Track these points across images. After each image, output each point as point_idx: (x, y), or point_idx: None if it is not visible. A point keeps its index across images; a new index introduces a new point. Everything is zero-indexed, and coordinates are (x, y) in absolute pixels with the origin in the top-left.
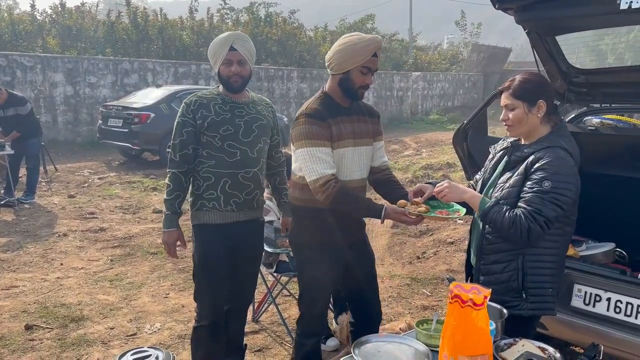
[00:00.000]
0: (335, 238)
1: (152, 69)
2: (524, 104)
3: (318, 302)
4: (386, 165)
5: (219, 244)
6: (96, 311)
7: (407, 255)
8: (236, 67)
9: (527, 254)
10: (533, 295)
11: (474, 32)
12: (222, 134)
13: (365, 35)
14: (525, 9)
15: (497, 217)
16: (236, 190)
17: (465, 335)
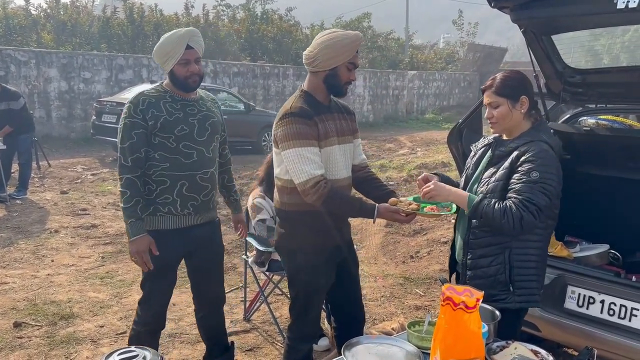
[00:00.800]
0: (327, 239)
1: (147, 65)
2: (507, 100)
3: (313, 306)
4: (365, 163)
5: (175, 250)
6: (86, 309)
7: (401, 255)
8: (194, 66)
9: (514, 247)
10: (520, 288)
11: (471, 31)
12: (177, 135)
13: (348, 31)
14: (521, 7)
15: (488, 210)
16: (194, 192)
17: (456, 339)
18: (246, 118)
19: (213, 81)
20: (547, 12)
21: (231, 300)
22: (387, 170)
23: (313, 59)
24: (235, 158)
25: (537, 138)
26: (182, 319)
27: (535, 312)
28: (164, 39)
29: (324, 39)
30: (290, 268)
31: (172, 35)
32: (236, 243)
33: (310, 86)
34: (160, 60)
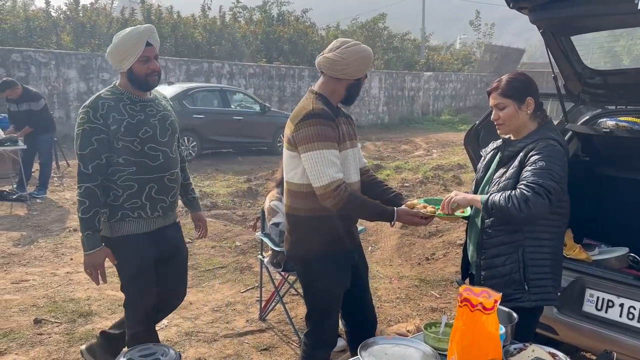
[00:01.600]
0: (341, 245)
1: (164, 66)
2: (513, 102)
3: (331, 314)
4: (367, 166)
5: (149, 252)
6: (104, 307)
7: (416, 257)
8: (154, 63)
9: (527, 246)
10: (535, 286)
11: (487, 32)
12: (141, 137)
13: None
14: (540, 8)
15: (495, 201)
16: (163, 194)
17: (474, 340)
18: (261, 119)
19: (229, 82)
20: (566, 13)
21: (247, 299)
22: (402, 171)
23: (344, 65)
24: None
25: (545, 136)
26: (199, 318)
27: (552, 315)
28: (123, 36)
29: (356, 49)
30: (305, 276)
31: (131, 32)
32: (251, 243)
33: (326, 90)
34: (118, 58)
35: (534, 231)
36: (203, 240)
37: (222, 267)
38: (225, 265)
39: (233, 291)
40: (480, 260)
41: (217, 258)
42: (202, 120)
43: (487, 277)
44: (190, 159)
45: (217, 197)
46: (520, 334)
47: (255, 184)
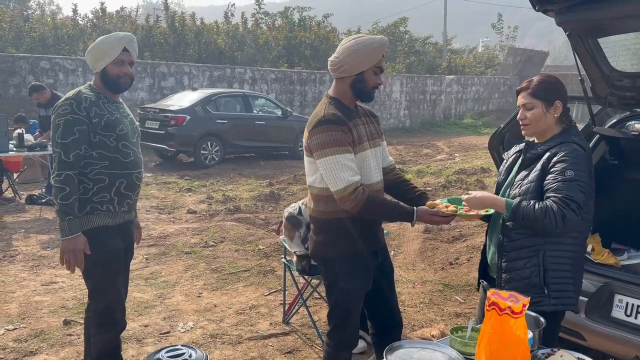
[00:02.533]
0: (364, 246)
1: (188, 72)
2: (542, 103)
3: (352, 314)
4: (393, 165)
5: (119, 243)
6: (131, 309)
7: (440, 261)
8: (127, 67)
9: (548, 250)
10: (555, 290)
11: (510, 35)
12: (118, 134)
13: (373, 36)
14: (566, 10)
15: (528, 212)
16: (130, 191)
17: (502, 344)
18: (283, 123)
19: (251, 88)
20: (593, 15)
21: (270, 302)
22: (424, 175)
23: (339, 64)
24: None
25: (568, 140)
26: (223, 320)
27: (580, 321)
28: (103, 38)
29: (350, 45)
30: (327, 276)
31: (111, 36)
32: (274, 247)
33: (337, 92)
34: (94, 58)
35: (556, 235)
36: (227, 244)
37: (245, 270)
38: (249, 268)
39: (257, 294)
40: (501, 263)
41: (241, 261)
42: (225, 126)
43: (507, 280)
44: (214, 163)
45: (240, 201)
46: (542, 338)
47: (277, 188)
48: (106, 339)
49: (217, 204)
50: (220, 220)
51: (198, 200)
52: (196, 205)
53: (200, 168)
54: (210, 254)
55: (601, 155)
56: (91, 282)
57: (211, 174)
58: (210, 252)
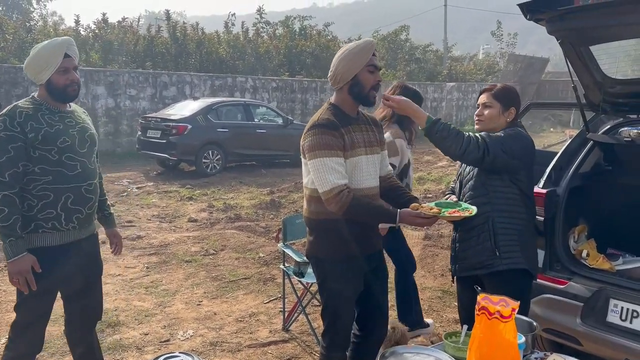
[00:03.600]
0: (355, 249)
1: (189, 81)
2: (500, 105)
3: (342, 315)
4: (391, 173)
5: (59, 269)
6: (131, 317)
7: (439, 268)
8: (73, 74)
9: (496, 217)
10: (505, 252)
11: (510, 42)
12: (59, 147)
13: (359, 41)
14: (557, 19)
15: (446, 127)
16: (79, 205)
17: (492, 348)
18: (284, 132)
19: (252, 96)
20: (584, 23)
21: (270, 310)
22: (425, 182)
23: (334, 76)
24: (273, 171)
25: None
26: (223, 328)
27: (576, 325)
28: (40, 48)
29: (339, 54)
30: (319, 276)
31: (49, 44)
32: (274, 255)
33: (337, 100)
34: (35, 70)
35: (501, 204)
36: (227, 252)
37: (245, 278)
38: (249, 276)
39: (257, 302)
40: (456, 235)
41: (241, 269)
42: (226, 134)
43: (462, 249)
44: (215, 172)
45: (240, 209)
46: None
47: (278, 196)
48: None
49: (218, 213)
50: (221, 229)
51: (199, 209)
52: (197, 213)
53: (201, 177)
54: (211, 262)
55: (596, 161)
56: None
57: (212, 182)
58: (210, 260)
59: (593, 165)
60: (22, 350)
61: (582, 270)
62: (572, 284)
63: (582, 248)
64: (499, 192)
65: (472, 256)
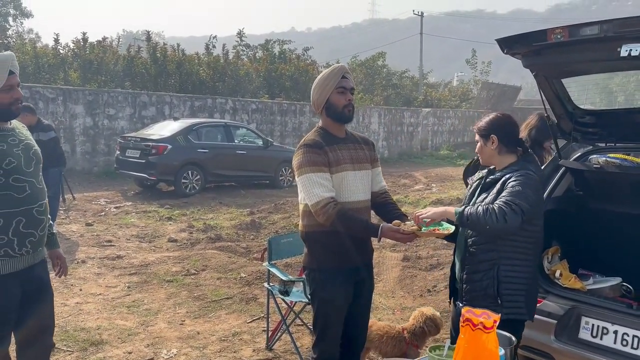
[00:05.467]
0: (344, 260)
1: (169, 102)
2: (481, 139)
3: (331, 324)
4: (384, 189)
5: (13, 297)
6: (114, 336)
7: (418, 289)
8: (18, 91)
9: (502, 265)
10: (507, 301)
11: (484, 70)
12: (5, 169)
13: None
14: (532, 54)
15: (472, 211)
16: (32, 228)
17: (475, 357)
18: (264, 153)
19: (232, 118)
20: (557, 58)
21: (253, 329)
22: (402, 205)
23: (314, 103)
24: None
25: (523, 167)
26: (206, 347)
27: (550, 342)
28: None
29: (314, 83)
30: (310, 286)
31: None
32: (256, 275)
33: (323, 123)
34: None
35: (509, 251)
36: (208, 272)
37: (228, 297)
38: (231, 296)
39: (239, 321)
40: (463, 275)
41: (223, 289)
42: (206, 155)
43: (468, 290)
44: (194, 192)
45: (221, 230)
46: None
47: (259, 217)
48: None
49: (198, 233)
50: (202, 249)
51: (179, 229)
52: (177, 233)
53: (180, 197)
54: (192, 282)
55: (567, 186)
56: None
57: (192, 202)
58: (192, 280)
59: (565, 190)
60: None
61: (555, 290)
62: (546, 302)
63: (556, 268)
64: (507, 239)
65: (475, 299)
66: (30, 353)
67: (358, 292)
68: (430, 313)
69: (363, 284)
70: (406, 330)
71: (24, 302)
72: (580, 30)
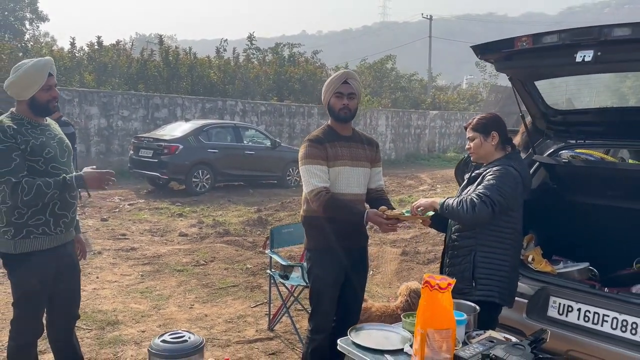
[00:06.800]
0: (336, 242)
1: (181, 104)
2: (480, 135)
3: (323, 300)
4: (381, 187)
5: (47, 271)
6: (129, 317)
7: (414, 280)
8: (55, 91)
9: (479, 251)
10: (480, 284)
11: (493, 73)
12: (45, 157)
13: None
14: (503, 59)
15: (449, 204)
16: (65, 210)
17: (433, 313)
18: (272, 154)
19: (242, 119)
20: (525, 63)
21: (257, 313)
22: (405, 205)
23: (323, 104)
24: (260, 191)
25: (504, 163)
26: (213, 327)
27: (522, 319)
28: (27, 68)
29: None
30: (308, 264)
31: (37, 64)
32: (261, 266)
33: (330, 121)
34: (21, 87)
35: (486, 239)
36: (216, 263)
37: (234, 285)
38: (237, 284)
39: (244, 306)
40: (446, 260)
41: (230, 278)
42: (216, 155)
43: (449, 273)
44: (204, 191)
45: (229, 226)
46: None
47: (266, 214)
48: None
49: (208, 228)
50: (211, 243)
51: (189, 224)
52: (187, 228)
53: (190, 195)
54: (201, 272)
55: (542, 179)
56: (17, 312)
57: (201, 200)
58: (201, 270)
59: (540, 183)
60: (22, 340)
61: (527, 272)
62: (519, 284)
63: (529, 254)
64: (486, 228)
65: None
66: (59, 322)
67: (351, 274)
68: (415, 286)
69: (357, 266)
70: (399, 308)
71: (57, 276)
72: (542, 38)
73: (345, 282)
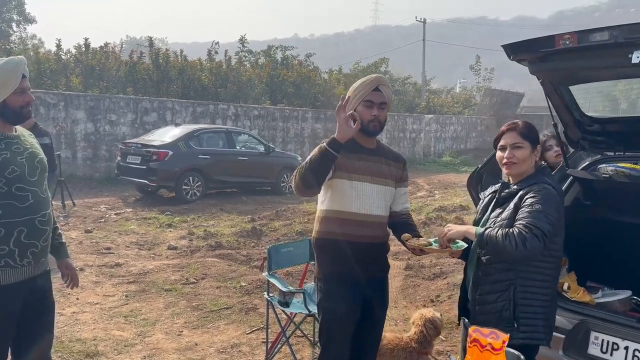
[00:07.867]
0: (351, 271)
1: (171, 108)
2: (530, 145)
3: (335, 336)
4: (407, 210)
5: (11, 310)
6: (110, 347)
7: (421, 298)
8: (29, 95)
9: (519, 285)
10: (524, 325)
11: (487, 76)
12: (8, 177)
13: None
14: (539, 60)
15: (491, 234)
16: (34, 239)
17: None
18: (266, 159)
19: (234, 124)
20: (564, 65)
21: (252, 341)
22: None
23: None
24: (254, 199)
25: (541, 180)
26: (205, 358)
27: (559, 358)
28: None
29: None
30: (318, 294)
31: (8, 63)
32: (256, 284)
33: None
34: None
35: (526, 271)
36: (208, 281)
37: (227, 307)
38: (231, 306)
39: (238, 332)
40: (476, 296)
41: (223, 299)
42: (207, 161)
43: (480, 312)
44: (195, 198)
45: (221, 237)
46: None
47: (260, 224)
48: None
49: (198, 240)
50: (202, 257)
51: (179, 236)
52: (177, 241)
53: (181, 203)
54: (191, 291)
55: (575, 196)
56: None
57: (192, 209)
58: (191, 289)
59: (572, 200)
60: None
61: (563, 303)
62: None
63: (564, 281)
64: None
65: (488, 321)
66: None
67: (368, 309)
68: (430, 315)
69: (376, 300)
70: (413, 340)
71: (25, 314)
72: (589, 36)
73: (361, 319)
